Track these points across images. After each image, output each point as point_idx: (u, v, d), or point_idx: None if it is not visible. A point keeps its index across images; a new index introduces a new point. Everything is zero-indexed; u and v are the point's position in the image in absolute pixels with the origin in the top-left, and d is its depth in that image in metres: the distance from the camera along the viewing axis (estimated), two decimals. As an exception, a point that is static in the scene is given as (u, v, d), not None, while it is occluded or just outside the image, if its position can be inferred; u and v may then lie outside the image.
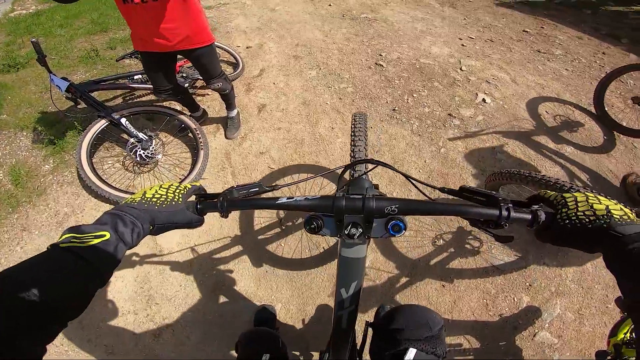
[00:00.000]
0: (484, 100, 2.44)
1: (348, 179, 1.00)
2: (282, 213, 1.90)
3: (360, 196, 0.60)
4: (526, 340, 1.62)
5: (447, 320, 1.61)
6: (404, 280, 1.72)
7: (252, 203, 0.65)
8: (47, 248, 0.47)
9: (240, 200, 0.65)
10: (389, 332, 0.80)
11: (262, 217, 1.92)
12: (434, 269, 1.74)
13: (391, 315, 0.84)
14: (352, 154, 1.19)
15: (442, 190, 0.68)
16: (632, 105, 2.36)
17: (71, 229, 0.50)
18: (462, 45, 3.14)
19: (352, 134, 1.21)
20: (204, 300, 1.72)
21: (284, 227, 1.87)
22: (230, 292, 1.74)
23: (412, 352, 0.73)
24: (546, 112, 2.44)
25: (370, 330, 0.93)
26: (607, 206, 0.51)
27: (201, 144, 2.07)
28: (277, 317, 1.67)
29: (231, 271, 1.80)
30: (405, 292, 1.72)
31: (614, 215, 0.50)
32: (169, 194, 0.62)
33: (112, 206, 1.03)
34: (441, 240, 1.78)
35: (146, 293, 1.73)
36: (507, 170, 1.47)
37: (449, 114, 2.31)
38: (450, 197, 0.66)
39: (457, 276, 1.73)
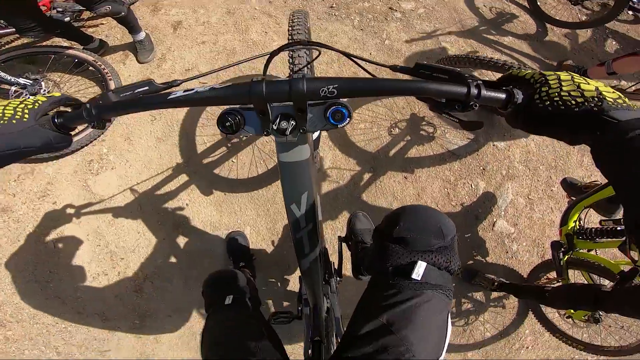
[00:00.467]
0: (422, -7, 2.32)
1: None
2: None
3: (287, 78, 0.46)
4: (487, 231, 1.68)
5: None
6: (367, 176, 1.65)
7: (133, 104, 0.49)
8: None
9: (117, 103, 0.49)
10: (393, 240, 0.63)
11: (205, 137, 1.69)
12: (395, 160, 1.69)
13: (393, 219, 0.65)
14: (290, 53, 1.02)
15: (393, 68, 0.53)
16: (565, 2, 2.46)
17: None
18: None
19: (290, 35, 1.02)
20: (169, 243, 1.58)
21: (230, 145, 1.66)
22: (194, 226, 1.59)
23: (421, 266, 0.58)
24: (483, 5, 2.40)
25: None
26: (597, 87, 0.40)
27: (108, 75, 1.79)
28: (250, 243, 1.57)
29: (187, 204, 1.61)
30: (371, 189, 1.65)
31: (607, 98, 0.39)
32: (6, 112, 0.44)
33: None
34: (397, 129, 1.71)
35: (105, 250, 1.56)
36: (456, 55, 1.37)
37: (390, 8, 2.16)
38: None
39: (417, 166, 1.70)
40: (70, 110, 0.51)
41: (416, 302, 0.57)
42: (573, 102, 0.40)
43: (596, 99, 0.39)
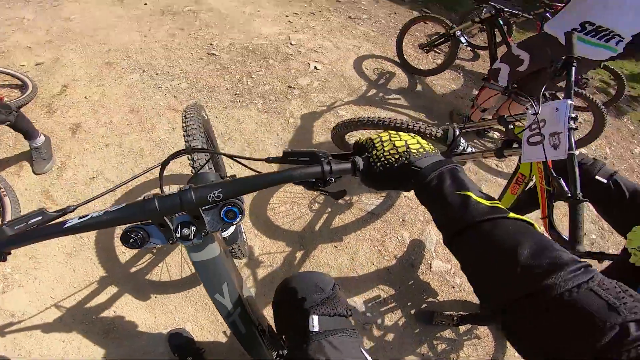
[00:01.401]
0: (315, 67, 2.61)
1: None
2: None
3: (176, 191, 0.52)
4: (427, 274, 1.75)
5: (354, 277, 1.66)
6: (299, 254, 1.72)
7: (31, 235, 0.51)
8: None
9: (15, 236, 0.51)
10: (286, 306, 0.76)
11: (122, 247, 1.59)
12: (321, 233, 1.78)
13: (281, 290, 0.79)
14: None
15: (267, 160, 0.61)
16: (420, 52, 2.91)
17: None
18: (289, 21, 3.25)
19: (184, 131, 1.08)
20: (101, 349, 1.41)
21: (154, 251, 1.60)
22: (127, 331, 1.45)
23: (314, 320, 0.69)
24: (366, 68, 2.79)
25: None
26: (406, 141, 0.51)
27: (2, 192, 1.59)
28: (195, 338, 1.48)
29: (115, 312, 1.49)
30: (305, 264, 1.71)
31: (412, 150, 0.50)
32: None
33: None
34: (316, 204, 1.84)
35: (27, 362, 1.33)
36: (344, 120, 1.55)
37: (288, 87, 2.38)
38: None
39: (343, 233, 1.79)
40: None
41: (327, 349, 0.64)
42: (393, 159, 0.49)
43: (405, 152, 0.49)
